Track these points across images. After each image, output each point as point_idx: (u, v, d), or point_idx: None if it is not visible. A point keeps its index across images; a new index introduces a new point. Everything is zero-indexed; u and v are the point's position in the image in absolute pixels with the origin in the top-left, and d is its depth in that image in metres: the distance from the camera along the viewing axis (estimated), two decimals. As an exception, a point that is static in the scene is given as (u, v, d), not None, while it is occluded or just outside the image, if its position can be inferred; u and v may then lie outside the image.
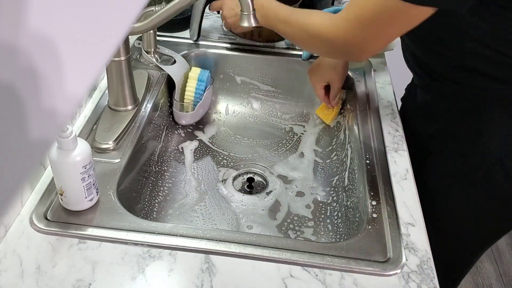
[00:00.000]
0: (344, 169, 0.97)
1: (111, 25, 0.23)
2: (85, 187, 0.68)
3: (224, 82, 1.17)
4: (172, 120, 1.06)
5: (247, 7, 0.76)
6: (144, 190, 0.89)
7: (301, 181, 1.00)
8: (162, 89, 1.01)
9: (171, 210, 0.91)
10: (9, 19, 0.17)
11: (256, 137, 1.11)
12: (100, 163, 0.79)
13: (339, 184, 0.96)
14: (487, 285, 1.78)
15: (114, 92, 0.88)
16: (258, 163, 1.04)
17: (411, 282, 0.65)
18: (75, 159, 0.65)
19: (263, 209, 0.93)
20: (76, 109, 0.85)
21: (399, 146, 0.88)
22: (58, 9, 0.19)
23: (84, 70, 0.22)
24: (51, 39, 0.19)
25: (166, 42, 1.12)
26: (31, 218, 0.69)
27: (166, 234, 0.68)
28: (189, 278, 0.64)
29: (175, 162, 1.01)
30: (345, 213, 0.88)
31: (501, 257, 1.88)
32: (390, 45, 1.12)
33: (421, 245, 0.70)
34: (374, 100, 1.00)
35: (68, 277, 0.62)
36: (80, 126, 0.86)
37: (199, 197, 0.94)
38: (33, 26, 0.18)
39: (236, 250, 0.67)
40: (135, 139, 0.85)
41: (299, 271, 0.66)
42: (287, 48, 1.16)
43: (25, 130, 0.19)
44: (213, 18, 1.24)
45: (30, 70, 0.18)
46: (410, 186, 0.80)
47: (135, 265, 0.64)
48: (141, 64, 1.05)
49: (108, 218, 0.70)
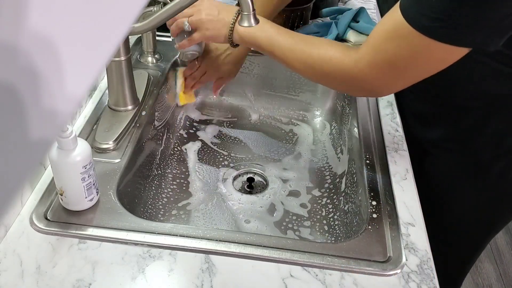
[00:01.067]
0: (343, 169, 0.97)
1: (111, 25, 0.23)
2: (85, 187, 0.68)
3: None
4: (172, 120, 1.06)
5: (247, 7, 0.76)
6: (144, 190, 0.89)
7: (301, 181, 1.00)
8: (162, 89, 1.01)
9: (170, 210, 0.91)
10: (9, 19, 0.17)
11: (256, 137, 1.11)
12: (100, 163, 0.79)
13: (339, 184, 0.96)
14: (487, 285, 1.78)
15: (114, 92, 0.88)
16: (258, 163, 1.04)
17: (411, 282, 0.65)
18: (75, 159, 0.65)
19: (263, 209, 0.93)
20: (76, 109, 0.85)
21: (399, 146, 0.88)
22: (58, 9, 0.19)
23: (84, 70, 0.22)
24: (51, 39, 0.19)
25: (166, 42, 1.12)
26: (31, 218, 0.69)
27: (166, 234, 0.68)
28: (189, 278, 0.64)
29: (175, 162, 1.01)
30: (345, 213, 0.88)
31: (501, 257, 1.88)
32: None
33: (421, 245, 0.70)
34: (374, 100, 1.00)
35: (68, 277, 0.62)
36: (80, 126, 0.86)
37: (199, 197, 0.94)
38: (33, 26, 0.18)
39: (236, 250, 0.67)
40: (135, 139, 0.85)
41: (299, 271, 0.66)
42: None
43: (25, 130, 0.19)
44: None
45: (30, 70, 0.18)
46: (410, 186, 0.80)
47: (135, 265, 0.64)
48: (141, 64, 1.05)
49: (108, 218, 0.70)
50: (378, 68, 0.68)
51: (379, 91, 0.75)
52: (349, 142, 0.98)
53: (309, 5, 1.17)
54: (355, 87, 0.75)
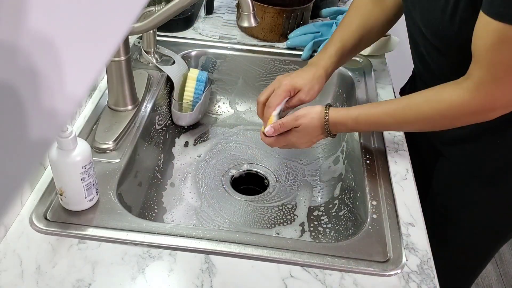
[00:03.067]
0: (344, 169, 0.97)
1: (111, 25, 0.23)
2: (85, 187, 0.68)
3: (223, 82, 1.17)
4: (172, 120, 1.06)
5: (247, 7, 0.76)
6: (144, 190, 0.89)
7: (301, 181, 1.00)
8: (162, 89, 1.01)
9: (170, 210, 0.91)
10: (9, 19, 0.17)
11: (256, 138, 1.11)
12: (100, 163, 0.79)
13: (338, 184, 0.96)
14: (487, 285, 1.78)
15: (114, 92, 0.88)
16: (258, 163, 1.04)
17: (411, 282, 0.65)
18: (75, 159, 0.65)
19: (263, 209, 0.93)
20: (76, 109, 0.85)
21: (399, 146, 0.88)
22: (58, 9, 0.19)
23: (84, 70, 0.22)
24: (51, 39, 0.19)
25: (166, 42, 1.12)
26: (31, 218, 0.69)
27: (166, 234, 0.68)
28: (189, 278, 0.64)
29: (175, 162, 1.01)
30: (345, 213, 0.88)
31: (501, 257, 1.88)
32: (390, 46, 1.12)
33: (421, 245, 0.70)
34: (374, 100, 1.00)
35: (68, 277, 0.62)
36: (80, 126, 0.86)
37: (199, 197, 0.94)
38: (33, 26, 0.18)
39: (236, 250, 0.67)
40: (135, 139, 0.85)
41: (299, 271, 0.65)
42: (287, 48, 1.16)
43: (25, 130, 0.19)
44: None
45: (30, 70, 0.18)
46: (410, 186, 0.80)
47: (135, 265, 0.64)
48: (141, 64, 1.05)
49: (108, 218, 0.70)
50: (502, 81, 0.66)
51: (508, 106, 0.70)
52: (349, 142, 0.98)
53: (309, 5, 1.18)
54: (487, 111, 0.71)
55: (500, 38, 0.62)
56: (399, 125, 0.78)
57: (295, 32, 1.16)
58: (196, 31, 1.18)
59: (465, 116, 0.71)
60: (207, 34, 1.17)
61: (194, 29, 1.19)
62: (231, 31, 1.20)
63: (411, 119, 0.75)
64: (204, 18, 1.25)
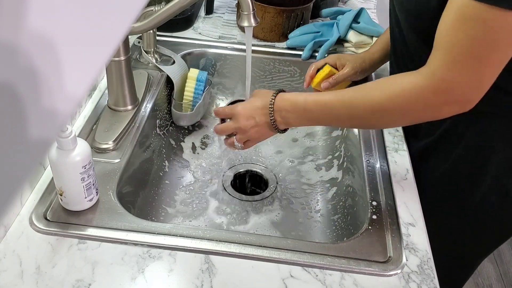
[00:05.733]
0: (344, 170, 0.97)
1: (111, 25, 0.23)
2: (84, 187, 0.68)
3: (223, 82, 1.17)
4: (172, 120, 1.06)
5: (247, 7, 0.76)
6: (144, 190, 0.89)
7: (301, 181, 1.00)
8: (162, 89, 1.01)
9: (170, 210, 0.91)
10: (9, 19, 0.17)
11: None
12: (100, 163, 0.79)
13: (338, 184, 0.96)
14: (487, 285, 1.78)
15: (114, 92, 0.88)
16: (258, 163, 1.04)
17: (411, 282, 0.65)
18: (74, 159, 0.65)
19: (263, 209, 0.93)
20: (76, 109, 0.85)
21: (399, 146, 0.88)
22: (58, 9, 0.19)
23: (84, 70, 0.22)
24: (51, 39, 0.19)
25: (166, 42, 1.12)
26: (30, 218, 0.69)
27: (166, 234, 0.68)
28: (189, 278, 0.64)
29: (175, 162, 1.01)
30: (345, 213, 0.88)
31: (501, 257, 1.88)
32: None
33: (421, 245, 0.70)
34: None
35: (67, 277, 0.62)
36: (80, 126, 0.86)
37: (200, 197, 0.94)
38: (33, 26, 0.18)
39: (236, 250, 0.67)
40: (135, 139, 0.85)
41: (299, 271, 0.65)
42: (287, 48, 1.16)
43: (25, 130, 0.19)
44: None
45: (30, 70, 0.18)
46: (410, 186, 0.80)
47: (135, 265, 0.64)
48: (141, 64, 1.05)
49: (108, 218, 0.70)
50: (459, 65, 0.61)
51: (469, 95, 0.64)
52: (349, 142, 0.98)
53: (309, 5, 1.18)
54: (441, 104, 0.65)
55: (460, 15, 0.59)
56: (348, 112, 0.70)
57: (295, 32, 1.16)
58: (196, 31, 1.18)
59: (418, 104, 0.65)
60: (207, 34, 1.17)
61: (194, 29, 1.19)
62: (231, 31, 1.20)
63: (360, 104, 0.68)
64: (204, 18, 1.25)
